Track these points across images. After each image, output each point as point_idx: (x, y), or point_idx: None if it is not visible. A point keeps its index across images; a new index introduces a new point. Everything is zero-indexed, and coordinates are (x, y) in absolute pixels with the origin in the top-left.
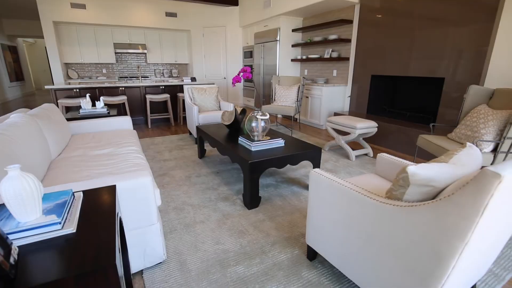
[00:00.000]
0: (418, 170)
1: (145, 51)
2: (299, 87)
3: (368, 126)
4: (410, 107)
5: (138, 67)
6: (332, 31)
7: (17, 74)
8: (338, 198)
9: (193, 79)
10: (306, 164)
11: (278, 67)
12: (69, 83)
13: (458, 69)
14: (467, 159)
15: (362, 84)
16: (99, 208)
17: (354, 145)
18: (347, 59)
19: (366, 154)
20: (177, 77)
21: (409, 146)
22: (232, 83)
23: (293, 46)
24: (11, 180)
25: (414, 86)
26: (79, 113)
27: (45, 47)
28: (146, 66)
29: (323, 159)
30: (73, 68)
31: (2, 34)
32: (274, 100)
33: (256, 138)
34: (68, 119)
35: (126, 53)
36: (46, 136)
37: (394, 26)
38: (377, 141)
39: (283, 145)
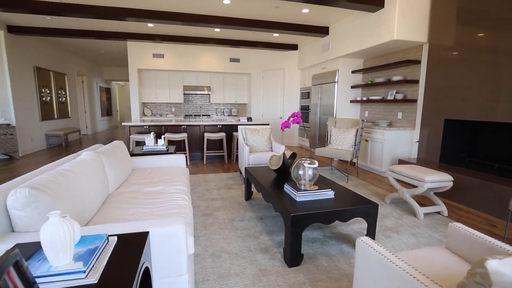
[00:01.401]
0: (504, 268)
1: (209, 92)
2: (357, 131)
3: (440, 180)
4: (498, 158)
5: (200, 107)
6: (396, 72)
7: (107, 110)
8: (391, 281)
9: (249, 119)
10: (360, 218)
11: (335, 107)
12: (143, 120)
13: None
14: None
15: (433, 129)
16: (127, 256)
17: (423, 199)
18: (414, 101)
19: (438, 213)
20: (236, 115)
21: (499, 207)
22: (281, 128)
23: (352, 87)
24: (50, 225)
25: (503, 133)
26: (142, 149)
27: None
28: (209, 105)
29: (383, 214)
30: (148, 106)
31: (101, 79)
32: (329, 142)
33: (302, 187)
34: (132, 155)
35: (193, 94)
36: (107, 173)
37: (473, 64)
38: (453, 197)
39: (333, 197)
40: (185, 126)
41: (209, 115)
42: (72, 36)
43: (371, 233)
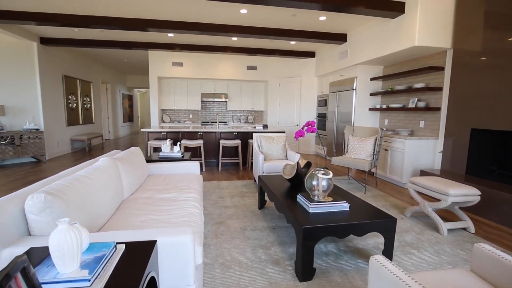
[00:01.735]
0: None
1: (226, 100)
2: (376, 139)
3: (466, 194)
4: None
5: (217, 114)
6: (418, 79)
7: (129, 116)
8: None
9: (265, 126)
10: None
11: (353, 115)
12: (162, 127)
13: None
14: None
15: (459, 139)
16: (133, 265)
17: (447, 214)
18: (438, 109)
19: (464, 229)
20: (252, 123)
21: None
22: (295, 137)
23: (371, 94)
24: (58, 233)
25: None
26: (158, 155)
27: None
28: (226, 113)
29: (403, 228)
30: (167, 113)
31: (124, 86)
32: (347, 151)
33: (316, 198)
34: (148, 161)
35: (210, 101)
36: (122, 179)
37: (503, 70)
38: (481, 212)
39: (348, 209)
40: (201, 133)
41: (225, 122)
42: (97, 46)
43: (388, 249)
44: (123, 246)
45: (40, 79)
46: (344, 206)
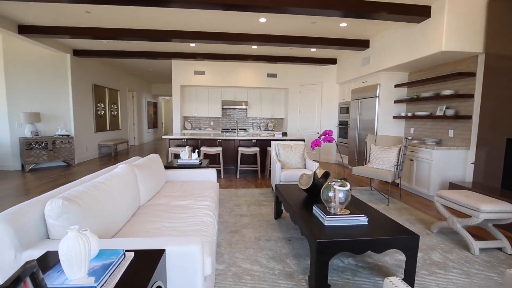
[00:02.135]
0: None
1: (246, 107)
2: (400, 149)
3: (501, 210)
4: None
5: (236, 121)
6: (446, 85)
7: (153, 123)
8: None
9: (284, 134)
10: None
11: (376, 123)
12: (184, 133)
13: None
14: None
15: (493, 149)
16: (140, 273)
17: (479, 231)
18: (469, 117)
19: (500, 249)
20: (272, 130)
21: None
22: (311, 146)
23: (395, 102)
24: (67, 240)
25: None
26: (177, 162)
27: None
28: (246, 120)
29: (429, 245)
30: (188, 120)
31: (149, 94)
32: (369, 161)
33: (332, 211)
34: (166, 167)
35: (230, 108)
36: (139, 185)
37: None
38: None
39: (366, 223)
40: (220, 140)
41: (245, 129)
42: (125, 57)
43: (410, 268)
44: (132, 254)
45: (72, 88)
46: (362, 220)
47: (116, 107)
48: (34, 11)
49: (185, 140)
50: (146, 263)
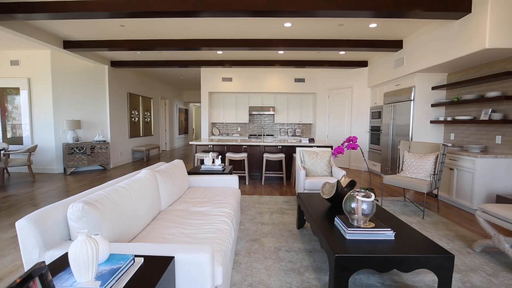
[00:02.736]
0: None
1: (274, 113)
2: (437, 157)
3: None
4: None
5: (262, 127)
6: (491, 86)
7: (184, 129)
8: None
9: (311, 140)
10: None
11: (411, 128)
12: (211, 139)
13: None
14: None
15: None
16: (146, 279)
17: None
18: None
19: None
20: (300, 136)
21: None
22: (333, 154)
23: (433, 105)
24: (76, 243)
25: None
26: (200, 168)
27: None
28: (273, 125)
29: (470, 266)
30: (216, 126)
31: (181, 101)
32: (401, 170)
33: (355, 223)
34: (189, 173)
35: (258, 114)
36: (160, 190)
37: None
38: None
39: (393, 238)
40: (245, 146)
41: (272, 135)
42: (157, 66)
43: None
44: (142, 259)
45: (109, 97)
46: (388, 234)
47: (149, 114)
48: (76, 27)
49: (211, 146)
50: (154, 270)
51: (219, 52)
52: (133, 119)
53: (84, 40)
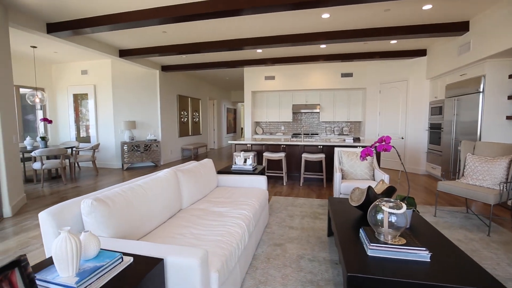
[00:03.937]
0: None
1: (319, 110)
2: (511, 161)
3: None
4: None
5: (303, 126)
6: None
7: (233, 128)
8: None
9: (356, 139)
10: None
11: (480, 126)
12: (255, 139)
13: None
14: None
15: None
16: (130, 280)
17: None
18: None
19: None
20: (347, 135)
21: None
22: (361, 156)
23: (510, 98)
24: (58, 240)
25: None
26: (231, 167)
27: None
28: (318, 124)
29: None
30: (260, 125)
31: (229, 101)
32: (462, 175)
33: (382, 238)
34: (219, 172)
35: (302, 112)
36: (182, 189)
37: None
38: None
39: (428, 260)
40: (284, 146)
41: (317, 134)
42: (202, 68)
43: None
44: (131, 258)
45: (160, 99)
46: (421, 255)
47: (197, 114)
48: (127, 36)
49: (250, 145)
50: (140, 270)
51: (259, 50)
52: (182, 119)
53: (135, 48)
